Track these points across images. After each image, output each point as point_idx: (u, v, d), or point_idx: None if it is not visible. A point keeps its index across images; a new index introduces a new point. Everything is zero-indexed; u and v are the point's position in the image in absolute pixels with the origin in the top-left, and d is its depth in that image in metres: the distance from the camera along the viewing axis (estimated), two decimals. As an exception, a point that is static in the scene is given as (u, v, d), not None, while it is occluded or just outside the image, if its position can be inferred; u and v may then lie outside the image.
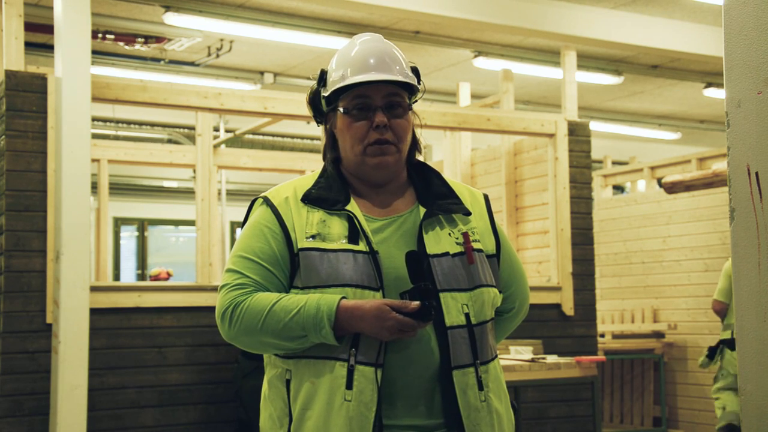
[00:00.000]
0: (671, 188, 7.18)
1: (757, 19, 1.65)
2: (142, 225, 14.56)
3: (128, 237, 14.64)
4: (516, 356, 5.53)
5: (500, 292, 2.18)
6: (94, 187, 8.14)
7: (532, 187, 7.35)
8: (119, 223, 14.18)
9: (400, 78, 2.09)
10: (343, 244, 2.03)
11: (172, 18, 7.46)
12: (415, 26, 8.24)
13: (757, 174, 1.62)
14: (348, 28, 8.02)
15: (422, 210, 2.12)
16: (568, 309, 6.80)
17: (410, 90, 2.14)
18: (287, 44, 8.51)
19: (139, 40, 8.11)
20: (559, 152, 6.89)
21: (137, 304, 5.61)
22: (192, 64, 9.37)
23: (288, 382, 2.03)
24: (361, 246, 2.02)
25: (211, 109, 6.03)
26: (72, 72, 5.21)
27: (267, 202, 2.12)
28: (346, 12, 7.76)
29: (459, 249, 2.08)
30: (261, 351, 2.07)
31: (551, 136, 6.93)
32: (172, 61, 9.16)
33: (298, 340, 1.98)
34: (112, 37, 7.99)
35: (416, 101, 2.20)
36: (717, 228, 7.80)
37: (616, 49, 8.59)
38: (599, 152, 11.10)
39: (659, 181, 8.51)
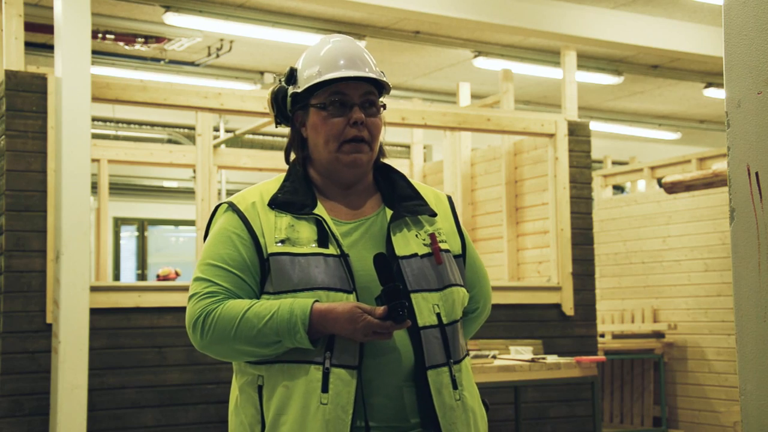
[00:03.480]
0: (671, 188, 7.18)
1: (757, 19, 1.65)
2: (142, 225, 14.56)
3: (128, 237, 14.65)
4: (516, 356, 5.53)
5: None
6: (94, 187, 8.14)
7: (532, 187, 7.35)
8: (119, 223, 14.18)
9: (377, 76, 2.10)
10: (314, 248, 2.01)
11: (172, 18, 7.46)
12: (415, 26, 8.24)
13: (757, 174, 1.62)
14: (348, 28, 8.01)
15: (389, 212, 2.12)
16: (568, 309, 6.80)
17: (381, 92, 2.16)
18: (287, 44, 8.50)
19: (139, 40, 8.11)
20: (559, 152, 6.89)
21: (137, 304, 5.61)
22: (192, 64, 9.37)
23: (260, 388, 2.00)
24: (332, 249, 2.02)
25: (211, 109, 6.03)
26: (72, 72, 5.21)
27: (232, 207, 2.09)
28: (346, 12, 7.76)
29: (427, 250, 2.09)
30: (234, 359, 2.05)
31: (551, 136, 6.92)
32: (172, 61, 9.17)
33: (273, 346, 1.96)
34: (112, 37, 7.99)
35: (383, 105, 2.20)
36: (717, 228, 7.80)
37: (616, 49, 8.59)
38: (599, 152, 11.10)
39: (659, 181, 8.51)
